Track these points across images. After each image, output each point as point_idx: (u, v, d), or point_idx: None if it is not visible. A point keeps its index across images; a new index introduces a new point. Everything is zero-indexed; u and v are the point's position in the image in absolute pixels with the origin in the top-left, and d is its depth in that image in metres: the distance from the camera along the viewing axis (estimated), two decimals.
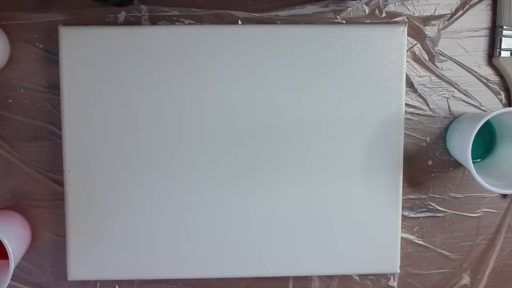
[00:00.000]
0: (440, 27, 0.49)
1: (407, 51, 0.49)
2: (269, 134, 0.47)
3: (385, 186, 0.48)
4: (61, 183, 0.48)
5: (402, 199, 0.49)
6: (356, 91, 0.47)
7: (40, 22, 0.48)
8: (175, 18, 0.48)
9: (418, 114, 0.50)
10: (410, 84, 0.50)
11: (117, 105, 0.47)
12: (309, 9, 0.49)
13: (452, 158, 0.51)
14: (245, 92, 0.47)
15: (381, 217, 0.49)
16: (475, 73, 0.50)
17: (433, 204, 0.51)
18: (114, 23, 0.48)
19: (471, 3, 0.50)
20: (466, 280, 0.52)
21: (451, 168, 0.51)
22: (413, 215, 0.51)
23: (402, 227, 0.50)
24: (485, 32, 0.50)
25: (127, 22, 0.48)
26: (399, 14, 0.49)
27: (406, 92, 0.49)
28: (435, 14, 0.50)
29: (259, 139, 0.47)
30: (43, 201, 0.49)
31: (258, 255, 0.48)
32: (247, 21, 0.48)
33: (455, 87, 0.50)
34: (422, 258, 0.51)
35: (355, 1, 0.48)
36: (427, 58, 0.50)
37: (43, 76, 0.48)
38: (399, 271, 0.50)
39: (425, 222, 0.51)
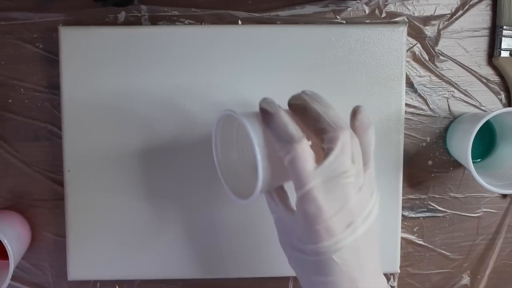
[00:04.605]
0: (440, 27, 0.49)
1: (407, 51, 0.49)
2: None
3: (385, 186, 0.48)
4: (61, 183, 0.48)
5: (402, 199, 0.49)
6: (356, 91, 0.47)
7: (40, 22, 0.48)
8: (175, 18, 0.48)
9: (418, 114, 0.50)
10: (410, 84, 0.50)
11: (117, 105, 0.47)
12: (309, 9, 0.49)
13: (452, 158, 0.51)
14: (245, 92, 0.47)
15: (381, 217, 0.48)
16: (475, 73, 0.50)
17: (433, 204, 0.51)
18: (114, 23, 0.48)
19: (471, 3, 0.50)
20: (466, 280, 0.52)
21: (451, 168, 0.51)
22: (413, 215, 0.51)
23: (402, 227, 0.50)
24: (485, 32, 0.50)
25: (127, 22, 0.48)
26: (399, 14, 0.49)
27: (406, 92, 0.49)
28: (435, 14, 0.50)
29: None
30: (43, 201, 0.49)
31: (258, 255, 0.48)
32: (247, 21, 0.48)
33: (455, 87, 0.50)
34: (422, 258, 0.51)
35: (355, 1, 0.48)
36: (427, 58, 0.50)
37: (43, 76, 0.48)
38: (399, 271, 0.50)
39: (425, 222, 0.51)
